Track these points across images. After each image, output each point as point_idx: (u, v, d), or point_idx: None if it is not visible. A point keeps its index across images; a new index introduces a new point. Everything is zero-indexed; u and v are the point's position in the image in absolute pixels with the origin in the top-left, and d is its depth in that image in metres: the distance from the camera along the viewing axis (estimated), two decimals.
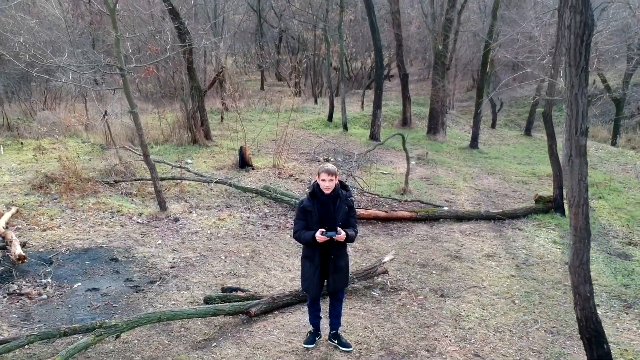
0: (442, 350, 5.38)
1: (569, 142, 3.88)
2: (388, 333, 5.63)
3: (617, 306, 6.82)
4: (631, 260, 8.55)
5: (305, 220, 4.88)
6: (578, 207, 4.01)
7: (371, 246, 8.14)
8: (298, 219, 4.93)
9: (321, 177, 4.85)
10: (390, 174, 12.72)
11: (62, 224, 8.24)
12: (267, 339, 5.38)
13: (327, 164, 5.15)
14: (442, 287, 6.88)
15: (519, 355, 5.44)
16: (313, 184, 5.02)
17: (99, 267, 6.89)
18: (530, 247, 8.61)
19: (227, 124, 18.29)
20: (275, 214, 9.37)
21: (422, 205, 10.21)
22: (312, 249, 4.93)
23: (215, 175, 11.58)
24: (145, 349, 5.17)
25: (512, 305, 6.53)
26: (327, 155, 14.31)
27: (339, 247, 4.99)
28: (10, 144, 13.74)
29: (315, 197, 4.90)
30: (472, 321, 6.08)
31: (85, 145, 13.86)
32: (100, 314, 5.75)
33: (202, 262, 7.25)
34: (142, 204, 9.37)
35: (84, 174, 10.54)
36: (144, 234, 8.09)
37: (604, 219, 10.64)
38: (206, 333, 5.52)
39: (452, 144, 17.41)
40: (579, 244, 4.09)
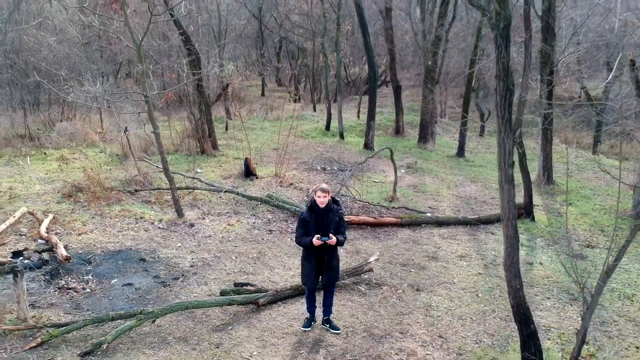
0: (413, 333, 6.71)
1: (500, 172, 5.20)
2: (370, 319, 6.95)
3: (565, 299, 8.14)
4: (585, 260, 9.87)
5: (304, 229, 6.19)
6: (508, 221, 5.33)
7: (360, 248, 9.46)
8: (299, 227, 6.25)
9: (317, 194, 6.16)
10: (381, 182, 14.03)
11: (94, 229, 9.56)
12: (272, 324, 6.70)
13: (322, 183, 6.49)
14: (418, 283, 8.20)
15: (476, 337, 6.77)
16: (311, 199, 6.34)
17: (130, 266, 8.20)
18: (499, 249, 9.90)
19: (231, 133, 19.56)
20: (278, 220, 10.69)
21: (408, 212, 11.52)
22: (310, 251, 6.25)
23: (223, 183, 12.90)
24: (175, 331, 6.49)
25: (476, 298, 7.85)
26: (324, 164, 15.61)
27: (331, 249, 6.32)
28: (34, 154, 15.04)
29: (312, 210, 6.21)
30: (440, 311, 7.40)
31: (103, 155, 15.17)
32: (136, 304, 7.06)
33: (216, 261, 8.57)
34: (161, 211, 10.68)
35: (107, 183, 11.86)
36: (165, 237, 9.41)
37: (570, 224, 11.95)
38: (223, 319, 6.84)
39: (441, 152, 18.74)
40: (510, 249, 5.40)
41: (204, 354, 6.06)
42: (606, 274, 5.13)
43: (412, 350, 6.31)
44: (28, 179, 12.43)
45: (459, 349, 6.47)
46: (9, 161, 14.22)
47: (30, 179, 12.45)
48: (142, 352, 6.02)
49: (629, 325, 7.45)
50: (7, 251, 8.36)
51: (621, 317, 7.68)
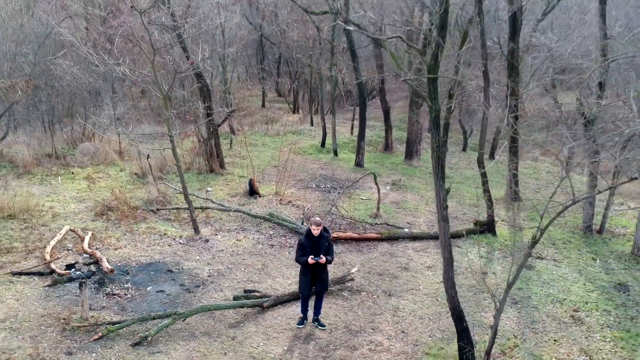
0: (382, 329, 8.77)
1: (438, 213, 7.25)
2: (349, 319, 9.01)
3: (508, 302, 10.18)
4: (533, 270, 11.94)
5: (302, 251, 8.25)
6: (444, 247, 7.37)
7: (345, 260, 11.52)
8: (298, 250, 8.31)
9: (312, 226, 8.23)
10: (368, 199, 16.07)
11: (127, 244, 11.60)
12: (274, 322, 8.76)
13: (316, 217, 8.58)
14: (390, 289, 10.26)
15: (430, 332, 8.83)
16: (307, 229, 8.39)
17: (160, 276, 10.25)
18: (462, 260, 11.95)
19: (236, 150, 21.59)
20: (278, 235, 12.74)
21: (388, 227, 13.57)
22: (307, 267, 8.30)
23: (231, 201, 14.95)
24: (200, 327, 8.54)
25: (435, 302, 9.90)
26: (319, 182, 17.66)
27: (322, 266, 8.37)
28: (63, 173, 17.04)
29: (308, 237, 8.27)
30: (405, 312, 9.46)
31: (123, 174, 17.19)
32: (168, 307, 9.10)
33: (228, 272, 10.61)
34: (180, 228, 12.73)
35: (132, 202, 13.89)
36: (186, 251, 11.46)
37: (527, 238, 13.99)
38: (236, 318, 8.89)
39: (424, 168, 20.79)
40: (447, 267, 7.44)
41: (223, 344, 8.11)
42: (509, 287, 7.14)
43: (380, 342, 8.37)
44: (63, 198, 14.45)
45: (416, 341, 8.53)
46: (42, 180, 16.21)
47: (64, 198, 14.47)
48: (177, 343, 8.07)
49: (554, 324, 9.52)
50: (61, 264, 10.39)
51: (549, 317, 9.75)
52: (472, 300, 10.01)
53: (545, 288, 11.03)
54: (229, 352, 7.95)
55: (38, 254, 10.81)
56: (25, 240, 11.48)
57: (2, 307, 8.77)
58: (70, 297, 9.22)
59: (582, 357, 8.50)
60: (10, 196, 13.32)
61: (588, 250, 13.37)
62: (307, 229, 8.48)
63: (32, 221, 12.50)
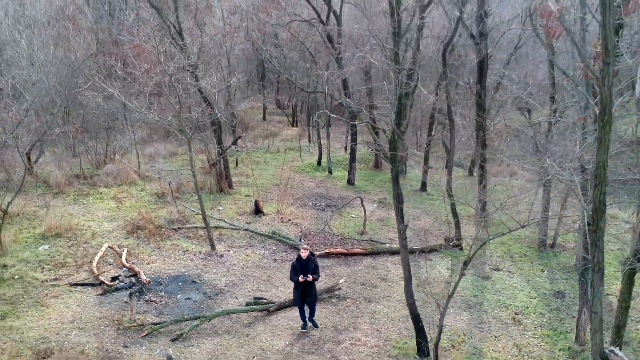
0: (361, 328, 11.37)
1: (399, 240, 9.84)
2: (336, 320, 11.62)
3: (463, 307, 12.80)
4: (489, 280, 14.55)
5: (294, 271, 10.82)
6: (405, 267, 9.96)
7: (335, 272, 14.12)
8: (291, 270, 10.88)
9: (301, 251, 10.81)
10: (357, 217, 18.66)
11: (157, 259, 14.19)
12: (278, 322, 11.36)
13: (303, 244, 11.19)
14: (370, 297, 12.86)
15: (399, 331, 11.43)
16: (298, 253, 10.97)
17: (187, 286, 12.84)
18: (431, 272, 14.54)
19: (241, 169, 24.18)
20: (280, 251, 15.34)
21: (372, 243, 16.17)
22: (298, 284, 10.87)
23: (239, 219, 17.52)
24: (221, 327, 11.13)
25: (405, 307, 12.46)
26: (315, 200, 20.25)
27: (310, 283, 10.93)
28: (92, 193, 19.59)
29: (299, 260, 10.85)
30: (381, 315, 12.06)
31: (144, 194, 19.73)
32: (196, 311, 11.68)
33: (240, 282, 13.21)
34: (199, 245, 15.32)
35: (156, 221, 16.46)
36: (205, 265, 14.05)
37: (490, 251, 16.62)
38: (248, 320, 11.48)
39: (409, 186, 23.40)
40: (407, 282, 10.03)
41: (239, 340, 10.71)
42: (449, 297, 9.73)
43: (359, 338, 10.98)
44: (97, 217, 17.01)
45: (387, 337, 11.14)
46: (76, 200, 18.77)
47: (98, 217, 17.03)
48: (204, 338, 10.67)
49: (497, 324, 12.14)
50: (106, 276, 12.96)
51: (494, 319, 12.37)
52: (434, 305, 12.59)
53: (496, 295, 13.65)
54: (244, 345, 10.55)
55: (86, 268, 13.39)
56: (73, 256, 14.06)
57: (68, 312, 11.36)
58: (118, 303, 11.81)
59: (514, 350, 11.11)
60: (57, 217, 15.91)
61: (539, 262, 15.98)
62: (298, 254, 11.06)
63: (76, 239, 15.07)
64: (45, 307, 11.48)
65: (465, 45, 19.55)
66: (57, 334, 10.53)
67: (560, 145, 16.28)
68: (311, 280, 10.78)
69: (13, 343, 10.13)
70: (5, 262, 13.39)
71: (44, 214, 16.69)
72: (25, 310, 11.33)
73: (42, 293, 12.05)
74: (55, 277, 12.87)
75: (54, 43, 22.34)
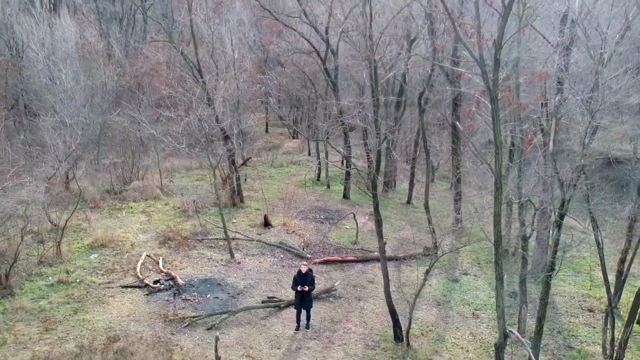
0: (352, 320, 14.67)
1: (380, 253, 13.10)
2: (332, 314, 14.91)
3: (434, 304, 16.09)
4: (457, 283, 17.83)
5: (295, 283, 14.05)
6: (384, 273, 13.23)
7: (332, 276, 17.39)
8: (293, 281, 14.11)
9: (301, 267, 14.08)
10: (351, 228, 21.91)
11: (187, 266, 17.43)
12: (287, 316, 14.65)
13: (303, 261, 14.45)
14: (360, 296, 16.14)
15: (381, 323, 14.71)
16: (299, 269, 14.19)
17: (214, 287, 16.10)
18: (410, 276, 17.79)
19: (250, 184, 27.39)
20: (287, 258, 18.60)
21: (363, 252, 19.44)
22: (297, 293, 14.06)
23: (251, 231, 20.76)
24: (244, 319, 14.41)
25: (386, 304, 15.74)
26: (315, 213, 23.50)
27: (307, 293, 14.13)
28: (124, 207, 22.79)
29: (299, 274, 14.10)
30: (369, 311, 15.35)
31: (168, 208, 22.94)
32: (223, 307, 14.94)
33: (256, 285, 16.47)
34: (219, 253, 18.56)
35: (183, 233, 19.69)
36: (227, 270, 17.30)
37: (461, 258, 19.90)
38: (264, 314, 14.76)
39: (397, 200, 26.69)
40: (386, 284, 13.29)
41: (258, 329, 13.98)
42: (415, 296, 12.98)
43: (350, 328, 14.27)
44: (132, 230, 20.23)
45: (372, 327, 14.43)
46: (110, 214, 21.98)
47: (133, 230, 20.26)
48: (232, 328, 13.93)
49: (460, 318, 15.43)
50: (150, 280, 16.20)
51: (458, 314, 15.66)
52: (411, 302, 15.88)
53: (462, 295, 16.95)
54: (262, 333, 13.83)
55: (132, 273, 16.62)
56: (119, 263, 17.30)
57: (124, 308, 14.61)
58: (162, 301, 15.07)
59: (470, 337, 14.41)
60: (99, 230, 19.15)
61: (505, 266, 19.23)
62: (298, 269, 14.26)
63: (119, 249, 18.31)
64: (106, 304, 14.74)
65: (444, 82, 22.79)
66: (119, 325, 13.79)
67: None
68: (307, 291, 13.91)
69: (88, 331, 13.38)
70: (67, 268, 16.64)
71: (87, 227, 19.93)
72: (91, 307, 14.58)
73: (102, 293, 15.31)
74: (109, 280, 16.13)
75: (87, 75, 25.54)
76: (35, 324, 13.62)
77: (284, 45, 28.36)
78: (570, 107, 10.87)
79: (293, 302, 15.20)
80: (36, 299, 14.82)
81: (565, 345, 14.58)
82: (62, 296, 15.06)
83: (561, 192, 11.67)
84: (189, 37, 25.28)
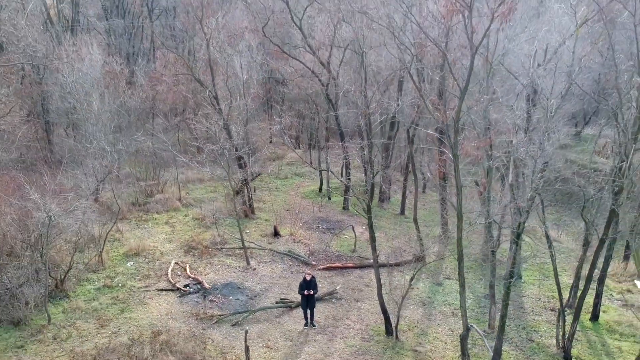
0: (351, 318, 17.71)
1: (373, 260, 16.09)
2: (334, 313, 17.95)
3: (420, 304, 19.11)
4: (441, 286, 20.85)
5: (301, 288, 17.04)
6: (377, 279, 16.23)
7: (334, 281, 20.40)
8: (299, 287, 17.11)
9: (305, 275, 17.10)
10: (350, 237, 24.89)
11: (210, 272, 20.41)
12: (297, 315, 17.68)
13: (307, 270, 17.47)
14: (358, 298, 19.16)
15: (375, 320, 17.73)
16: (304, 276, 17.20)
17: (234, 290, 19.09)
18: (401, 281, 20.76)
19: (258, 195, 30.34)
20: (295, 265, 21.59)
21: (360, 259, 22.44)
22: (303, 297, 17.06)
23: (262, 240, 23.74)
24: (262, 317, 17.43)
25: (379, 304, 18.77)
26: (318, 223, 26.49)
27: (311, 296, 17.14)
28: (149, 218, 25.74)
29: (304, 280, 17.10)
30: (364, 309, 18.37)
31: (188, 219, 25.88)
32: (243, 307, 17.94)
33: (270, 288, 19.46)
34: (237, 261, 21.53)
35: (204, 242, 22.66)
36: (244, 275, 20.29)
37: (445, 264, 22.91)
38: (278, 313, 17.78)
39: (391, 210, 29.69)
40: (379, 287, 16.29)
41: (274, 325, 16.99)
42: (402, 298, 15.98)
43: (349, 324, 17.30)
44: (159, 240, 23.19)
45: (367, 324, 17.46)
46: (138, 225, 24.93)
47: (160, 240, 23.21)
48: (252, 324, 16.93)
49: (441, 316, 18.47)
50: (180, 284, 19.16)
51: (440, 313, 18.69)
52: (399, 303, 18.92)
53: (444, 297, 19.97)
54: (277, 328, 16.83)
55: (164, 278, 19.60)
56: (153, 269, 20.28)
57: (162, 308, 17.60)
58: (192, 302, 18.06)
59: (449, 332, 17.42)
60: (131, 240, 22.12)
61: (480, 273, 22.28)
62: (303, 277, 17.22)
63: (151, 257, 21.30)
64: (147, 305, 17.73)
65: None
66: (160, 322, 16.78)
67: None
68: (311, 294, 16.88)
69: (135, 327, 16.37)
70: (109, 274, 19.63)
71: (120, 237, 22.90)
72: (135, 307, 17.58)
73: (141, 296, 18.29)
74: (146, 284, 19.12)
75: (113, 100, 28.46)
76: (91, 321, 16.62)
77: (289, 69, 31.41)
78: (522, 151, 13.81)
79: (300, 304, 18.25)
80: (88, 301, 17.81)
81: (527, 338, 17.61)
82: (109, 298, 18.05)
83: (518, 216, 14.67)
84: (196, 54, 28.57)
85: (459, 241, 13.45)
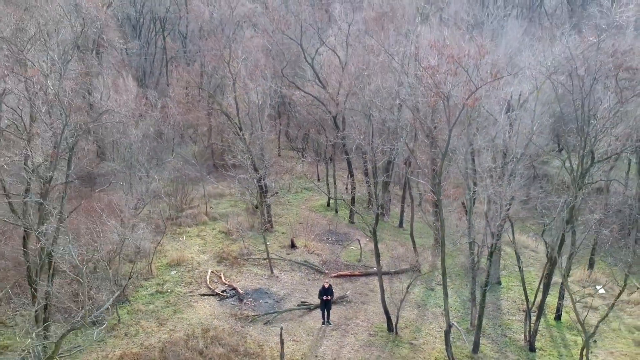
0: (359, 317, 21.90)
1: (377, 270, 20.22)
2: (346, 314, 22.15)
3: (415, 307, 23.27)
4: (433, 291, 25.01)
5: (320, 293, 21.19)
6: (380, 286, 20.37)
7: (344, 287, 24.53)
8: (319, 293, 21.26)
9: (324, 283, 21.26)
10: (357, 248, 29.00)
11: (242, 279, 24.54)
12: (316, 315, 21.86)
13: (326, 279, 21.66)
14: (364, 301, 23.32)
15: (379, 319, 21.88)
16: (323, 284, 21.35)
17: (263, 295, 23.22)
18: (401, 287, 24.86)
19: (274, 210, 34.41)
20: (311, 273, 25.71)
21: (366, 267, 26.59)
22: (322, 300, 21.22)
23: (281, 252, 27.83)
24: (287, 317, 21.60)
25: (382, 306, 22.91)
26: (327, 235, 30.60)
27: (328, 301, 21.29)
28: (183, 232, 29.80)
29: (323, 287, 21.25)
30: (370, 311, 22.54)
31: (216, 232, 29.96)
32: (272, 308, 22.08)
33: (292, 293, 23.60)
34: (262, 270, 25.64)
35: (232, 253, 26.76)
36: (270, 282, 24.41)
37: (437, 272, 27.02)
38: (300, 313, 21.94)
39: (391, 223, 33.83)
40: (382, 292, 20.43)
41: (297, 323, 21.16)
42: (401, 301, 20.13)
43: (358, 323, 21.50)
44: (194, 251, 27.28)
45: (372, 322, 21.64)
46: (173, 237, 29.00)
47: (195, 251, 27.30)
48: (280, 323, 21.04)
49: (432, 316, 22.64)
50: (218, 290, 23.27)
51: (431, 313, 22.90)
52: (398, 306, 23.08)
53: (435, 300, 24.13)
54: (300, 326, 20.98)
55: (204, 285, 23.72)
56: (193, 277, 24.40)
57: (206, 310, 21.73)
58: (230, 305, 22.18)
59: (438, 328, 21.57)
60: (171, 251, 26.23)
61: (466, 280, 26.42)
62: (322, 284, 21.32)
63: (190, 266, 25.42)
64: (194, 307, 21.86)
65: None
66: (206, 321, 20.90)
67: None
68: (329, 299, 20.98)
69: (187, 325, 20.50)
70: (159, 282, 23.76)
71: (160, 249, 27.01)
72: (184, 309, 21.70)
73: (188, 300, 22.42)
74: (190, 290, 23.24)
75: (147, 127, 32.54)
76: (152, 320, 20.75)
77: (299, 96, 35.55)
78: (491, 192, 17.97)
79: (319, 306, 22.46)
80: (146, 304, 21.93)
81: (502, 334, 21.78)
82: (162, 302, 22.18)
83: (490, 238, 18.82)
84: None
85: (442, 261, 17.54)
